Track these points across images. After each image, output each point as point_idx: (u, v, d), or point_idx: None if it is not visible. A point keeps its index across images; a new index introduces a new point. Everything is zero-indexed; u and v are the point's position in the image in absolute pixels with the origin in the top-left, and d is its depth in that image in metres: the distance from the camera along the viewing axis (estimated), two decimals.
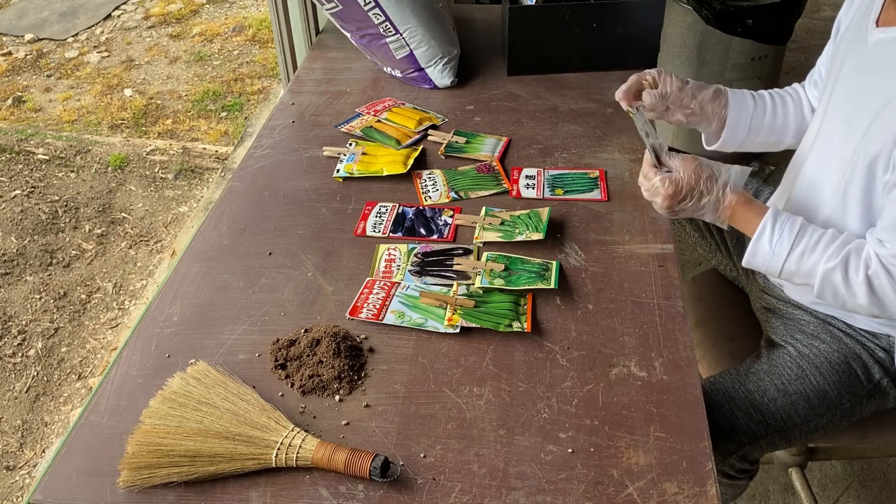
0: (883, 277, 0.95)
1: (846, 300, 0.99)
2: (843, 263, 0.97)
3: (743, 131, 1.25)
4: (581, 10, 1.53)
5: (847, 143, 1.02)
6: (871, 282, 0.95)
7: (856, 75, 1.03)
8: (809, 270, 1.00)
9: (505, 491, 0.81)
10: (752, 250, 1.03)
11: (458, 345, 0.98)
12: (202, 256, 1.15)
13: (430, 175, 1.31)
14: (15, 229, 2.59)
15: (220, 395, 0.88)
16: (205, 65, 3.72)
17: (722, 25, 2.22)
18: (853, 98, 1.03)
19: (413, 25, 1.51)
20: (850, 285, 0.97)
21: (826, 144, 1.08)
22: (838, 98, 1.07)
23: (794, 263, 1.00)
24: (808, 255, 0.99)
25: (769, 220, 1.01)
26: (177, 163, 2.98)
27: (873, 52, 1.01)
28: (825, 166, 1.08)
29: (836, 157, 1.05)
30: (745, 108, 1.24)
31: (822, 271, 0.98)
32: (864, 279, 0.95)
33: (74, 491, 0.83)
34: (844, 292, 0.98)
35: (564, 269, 1.10)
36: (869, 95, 0.99)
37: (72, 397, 2.07)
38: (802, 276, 1.01)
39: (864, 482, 1.70)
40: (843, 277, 0.97)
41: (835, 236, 1.00)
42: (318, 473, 0.83)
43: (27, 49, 3.88)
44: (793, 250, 1.00)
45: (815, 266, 0.99)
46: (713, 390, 1.12)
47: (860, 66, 1.03)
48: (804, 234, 1.00)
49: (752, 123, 1.25)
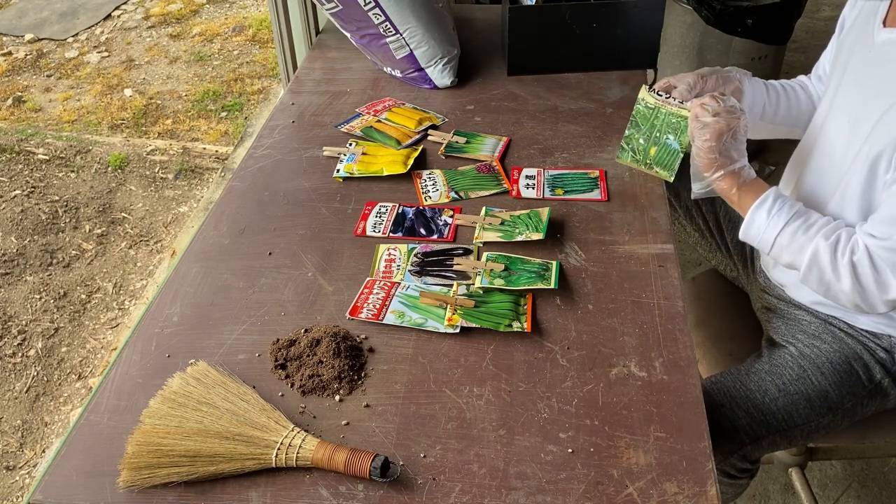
0: (866, 265, 0.96)
1: (830, 283, 1.00)
2: (833, 245, 0.98)
3: (755, 117, 1.25)
4: (581, 10, 1.53)
5: (851, 142, 1.02)
6: (856, 267, 0.97)
7: (862, 74, 1.03)
8: (800, 246, 1.01)
9: (505, 491, 0.81)
10: (749, 219, 1.05)
11: (458, 345, 0.98)
12: (202, 256, 1.15)
13: (430, 175, 1.31)
14: (15, 229, 2.59)
15: (220, 395, 0.88)
16: (205, 65, 3.72)
17: (722, 25, 2.22)
18: (859, 97, 1.03)
19: (413, 25, 1.51)
20: (837, 267, 0.98)
21: (830, 142, 1.08)
22: (843, 96, 1.07)
23: (787, 237, 1.02)
24: (801, 232, 1.01)
25: (772, 194, 1.04)
26: (177, 163, 2.98)
27: (880, 52, 1.00)
28: (829, 163, 1.08)
29: (840, 155, 1.05)
30: (759, 95, 1.23)
31: (813, 249, 0.99)
32: (849, 263, 0.97)
33: (74, 491, 0.83)
34: (830, 274, 0.99)
35: (564, 269, 1.10)
36: (875, 95, 0.99)
37: (72, 397, 2.07)
38: (792, 252, 1.02)
39: (864, 482, 1.70)
40: (831, 258, 0.98)
41: (829, 221, 1.02)
42: (318, 473, 0.83)
43: (27, 49, 3.88)
44: (788, 224, 1.02)
45: (807, 243, 1.00)
46: (714, 390, 1.12)
47: (866, 65, 1.03)
48: (802, 214, 1.02)
49: (765, 110, 1.25)
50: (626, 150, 1.19)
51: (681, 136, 1.11)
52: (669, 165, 1.14)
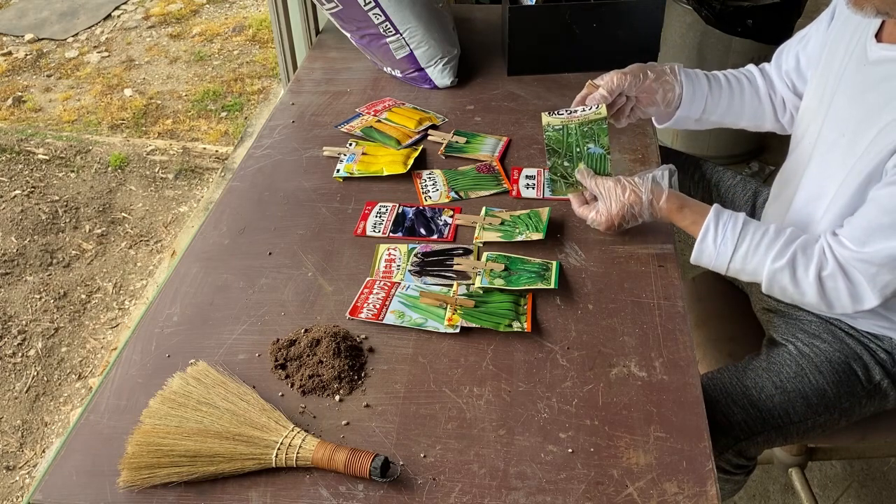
0: (839, 280, 0.96)
1: (794, 297, 1.01)
2: (790, 264, 0.98)
3: (697, 110, 1.25)
4: (581, 11, 1.53)
5: (847, 158, 1.00)
6: (824, 283, 0.97)
7: (856, 90, 1.02)
8: (754, 269, 1.02)
9: (505, 491, 0.81)
10: (698, 250, 1.05)
11: (458, 345, 0.98)
12: (202, 256, 1.15)
13: (430, 175, 1.31)
14: (15, 229, 2.59)
15: (220, 395, 0.88)
16: (205, 65, 3.72)
17: (722, 25, 2.22)
18: (853, 113, 1.01)
19: (413, 25, 1.51)
20: (799, 284, 0.98)
21: (825, 158, 1.07)
22: (837, 111, 1.05)
23: (738, 263, 1.02)
24: (751, 255, 1.01)
25: (712, 221, 1.03)
26: (177, 163, 2.98)
27: (876, 70, 0.99)
28: (824, 179, 1.06)
29: (835, 171, 1.03)
30: (700, 87, 1.24)
31: (769, 271, 1.00)
32: (816, 279, 0.97)
33: (74, 491, 0.83)
34: (793, 291, 1.00)
35: (564, 269, 1.10)
36: (871, 112, 0.97)
37: (72, 397, 2.07)
38: (749, 274, 1.03)
39: (864, 482, 1.70)
40: (791, 277, 0.99)
41: (778, 233, 1.01)
42: (318, 473, 0.83)
43: (27, 49, 3.88)
44: (737, 250, 1.02)
45: (760, 265, 1.00)
46: (710, 386, 1.12)
47: (861, 81, 1.01)
48: (746, 234, 1.01)
49: (706, 106, 1.25)
50: (556, 180, 1.15)
51: (599, 139, 1.12)
52: (603, 169, 1.14)
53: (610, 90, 1.17)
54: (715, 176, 1.41)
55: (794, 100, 1.24)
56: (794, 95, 1.24)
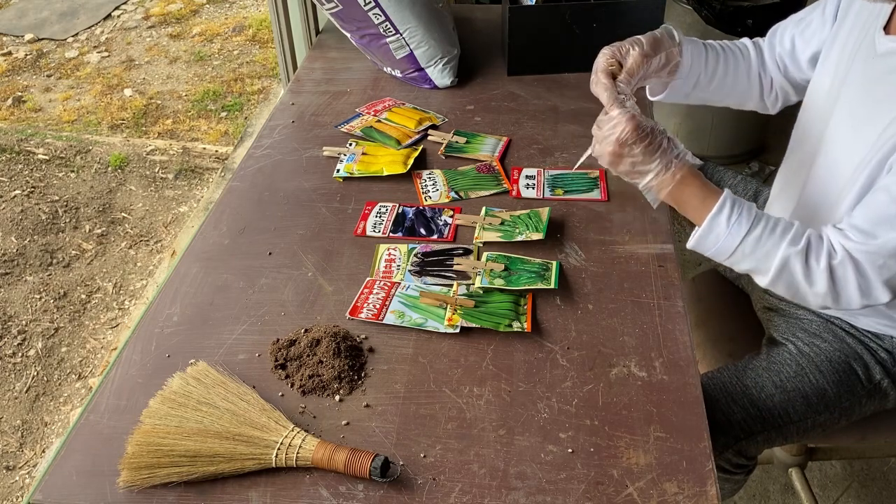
0: (849, 269, 0.93)
1: (800, 288, 0.97)
2: (804, 251, 0.95)
3: (690, 85, 1.20)
4: (581, 11, 1.53)
5: (855, 153, 1.00)
6: (834, 272, 0.94)
7: (866, 83, 1.01)
8: (766, 253, 0.96)
9: (505, 491, 0.81)
10: (707, 227, 0.97)
11: (458, 345, 0.98)
12: (202, 256, 1.15)
13: (430, 175, 1.31)
14: (15, 229, 2.59)
15: (220, 395, 0.88)
16: (205, 65, 3.72)
17: (722, 25, 2.22)
18: (863, 107, 1.01)
19: (413, 25, 1.51)
20: (811, 273, 0.95)
21: (832, 152, 1.06)
22: (846, 104, 1.04)
23: (749, 245, 0.97)
24: (765, 239, 0.96)
25: (728, 198, 0.97)
26: (177, 163, 2.98)
27: (885, 62, 0.98)
28: (833, 173, 1.05)
29: (843, 165, 1.03)
30: (697, 61, 1.18)
31: (783, 255, 0.95)
32: (826, 268, 0.94)
33: (74, 491, 0.83)
34: (802, 279, 0.96)
35: (564, 269, 1.10)
36: (881, 104, 0.97)
37: (72, 397, 2.07)
38: (757, 258, 0.97)
39: (864, 482, 1.70)
40: (803, 265, 0.95)
41: (790, 223, 0.98)
42: (318, 473, 0.83)
43: (27, 49, 3.88)
44: (750, 232, 0.96)
45: (774, 250, 0.96)
46: (710, 385, 1.12)
47: (870, 74, 1.00)
48: (761, 219, 0.97)
49: (699, 79, 1.20)
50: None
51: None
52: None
53: (631, 73, 1.09)
54: (715, 176, 1.41)
55: (782, 81, 1.22)
56: (784, 78, 1.22)
